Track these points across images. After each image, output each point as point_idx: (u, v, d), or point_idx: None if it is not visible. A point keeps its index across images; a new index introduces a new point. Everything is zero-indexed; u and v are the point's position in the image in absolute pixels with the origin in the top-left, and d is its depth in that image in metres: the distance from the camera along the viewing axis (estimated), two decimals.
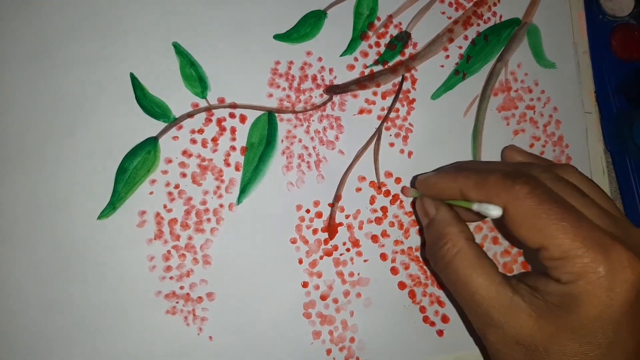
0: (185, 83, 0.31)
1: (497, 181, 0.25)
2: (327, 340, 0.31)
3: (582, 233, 0.23)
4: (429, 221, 0.29)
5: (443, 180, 0.28)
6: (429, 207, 0.29)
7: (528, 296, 0.24)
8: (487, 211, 0.25)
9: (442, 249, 0.27)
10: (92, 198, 0.29)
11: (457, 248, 0.26)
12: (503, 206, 0.25)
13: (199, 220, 0.30)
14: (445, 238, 0.27)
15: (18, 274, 0.28)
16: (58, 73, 0.30)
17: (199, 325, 0.30)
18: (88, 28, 0.30)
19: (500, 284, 0.25)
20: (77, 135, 0.29)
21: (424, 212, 0.29)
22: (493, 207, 0.25)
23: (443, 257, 0.27)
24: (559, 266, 0.23)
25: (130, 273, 0.29)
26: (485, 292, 0.25)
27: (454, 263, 0.26)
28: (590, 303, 0.23)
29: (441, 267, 0.27)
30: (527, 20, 0.36)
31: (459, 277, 0.26)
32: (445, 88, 0.34)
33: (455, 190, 0.27)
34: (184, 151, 0.31)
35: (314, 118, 0.32)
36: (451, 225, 0.27)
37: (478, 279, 0.25)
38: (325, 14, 0.33)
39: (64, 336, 0.28)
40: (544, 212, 0.23)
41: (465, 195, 0.26)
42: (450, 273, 0.26)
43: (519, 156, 0.32)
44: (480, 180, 0.26)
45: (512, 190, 0.24)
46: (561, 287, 0.23)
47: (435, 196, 0.29)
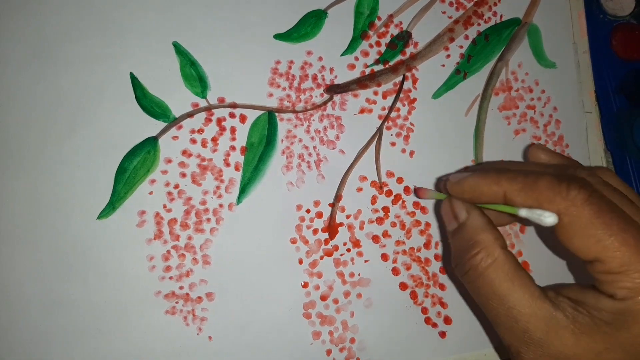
0: (185, 83, 0.31)
1: (550, 185, 0.23)
2: (327, 340, 0.31)
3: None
4: (459, 226, 0.26)
5: (484, 182, 0.25)
6: (459, 210, 0.26)
7: (571, 311, 0.23)
8: (541, 218, 0.23)
9: (475, 257, 0.24)
10: (92, 198, 0.29)
11: (492, 258, 0.24)
12: (557, 213, 0.23)
13: (198, 220, 0.30)
14: (479, 246, 0.24)
15: (18, 274, 0.28)
16: (58, 73, 0.30)
17: (199, 325, 0.29)
18: (88, 28, 0.30)
19: (540, 298, 0.23)
20: (77, 135, 0.29)
21: (453, 216, 0.27)
22: (548, 214, 0.23)
23: (476, 267, 0.24)
24: (615, 280, 0.22)
25: (130, 273, 0.29)
26: (524, 308, 0.23)
27: (489, 274, 0.24)
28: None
29: (472, 277, 0.25)
30: (528, 20, 0.36)
31: (494, 289, 0.24)
32: (447, 87, 0.34)
33: (498, 194, 0.24)
34: (184, 151, 0.30)
35: (315, 118, 0.32)
36: (485, 232, 0.25)
37: (516, 293, 0.23)
38: (325, 13, 0.33)
39: (63, 336, 0.28)
40: (603, 222, 0.22)
41: (511, 199, 0.24)
42: (483, 285, 0.24)
43: (544, 155, 0.29)
44: (529, 183, 0.23)
45: (567, 196, 0.22)
46: (615, 303, 0.22)
47: (470, 199, 0.26)
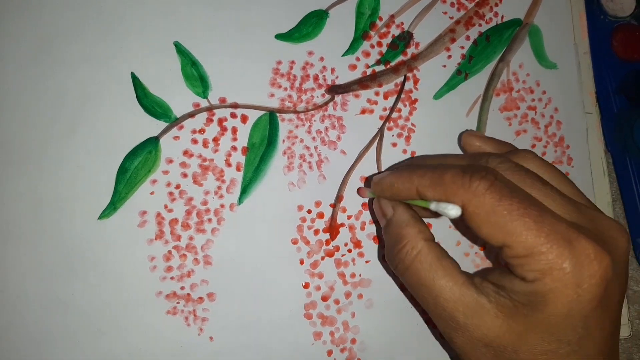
0: (187, 83, 0.31)
1: (454, 178, 0.23)
2: (328, 341, 0.31)
3: (546, 228, 0.22)
4: (387, 222, 0.27)
5: (399, 180, 0.26)
6: (385, 207, 0.27)
7: (494, 295, 0.23)
8: (446, 211, 0.23)
9: (402, 251, 0.25)
10: (93, 198, 0.29)
11: (416, 250, 0.25)
12: (462, 205, 0.23)
13: (199, 221, 0.30)
14: (404, 240, 0.25)
15: (19, 274, 0.28)
16: (59, 73, 0.29)
17: (200, 325, 0.29)
18: (89, 28, 0.30)
19: (464, 285, 0.24)
20: (77, 135, 0.29)
21: (382, 213, 0.28)
22: (452, 207, 0.23)
23: (403, 260, 0.25)
24: (523, 264, 0.22)
25: (131, 273, 0.29)
26: (448, 295, 0.24)
27: (414, 266, 0.25)
28: (558, 301, 0.22)
29: (401, 270, 0.26)
30: (529, 20, 0.36)
31: (421, 280, 0.24)
32: (448, 88, 0.34)
33: (412, 191, 0.25)
34: (185, 151, 0.30)
35: (316, 118, 0.32)
36: (409, 226, 0.26)
37: (440, 281, 0.24)
38: (327, 13, 0.33)
39: (64, 336, 0.28)
40: (505, 209, 0.22)
41: (423, 194, 0.25)
42: (411, 276, 0.25)
43: (477, 141, 0.30)
44: (436, 178, 0.24)
45: (470, 187, 0.23)
46: (527, 286, 0.22)
47: (392, 197, 0.27)
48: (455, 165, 0.24)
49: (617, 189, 0.38)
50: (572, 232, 0.22)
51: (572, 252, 0.22)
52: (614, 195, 0.37)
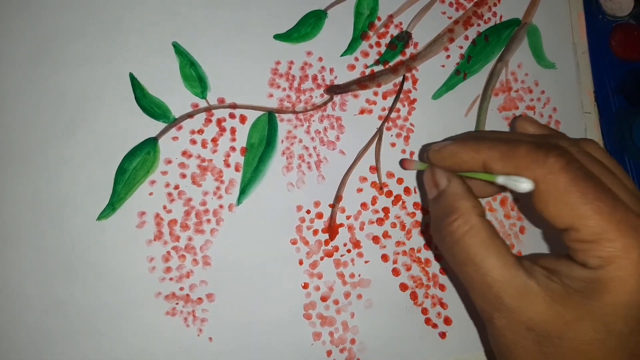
0: (185, 83, 0.31)
1: (528, 153, 0.23)
2: (328, 341, 0.31)
3: (618, 215, 0.21)
4: (439, 193, 0.26)
5: (463, 149, 0.25)
6: (440, 178, 0.26)
7: (544, 280, 0.23)
8: (517, 184, 0.23)
9: (452, 224, 0.24)
10: (92, 199, 0.29)
11: (469, 225, 0.24)
12: (534, 180, 0.22)
13: (198, 221, 0.30)
14: (457, 213, 0.24)
15: (18, 274, 0.28)
16: (57, 73, 0.29)
17: (199, 326, 0.29)
18: (88, 28, 0.30)
19: (514, 266, 0.23)
20: (76, 136, 0.29)
21: (434, 184, 0.27)
22: (524, 180, 0.22)
23: (452, 233, 0.24)
24: (588, 249, 0.22)
25: (130, 274, 0.29)
26: (497, 274, 0.23)
27: (465, 241, 0.24)
28: (619, 290, 0.21)
29: (449, 244, 0.25)
30: (527, 20, 0.36)
31: (469, 256, 0.24)
32: (447, 88, 0.34)
33: (478, 162, 0.24)
34: (184, 152, 0.30)
35: (315, 118, 0.32)
36: (464, 199, 0.25)
37: (491, 260, 0.23)
38: (325, 13, 0.33)
39: (63, 337, 0.28)
40: (579, 190, 0.22)
41: (489, 167, 0.24)
42: (459, 251, 0.24)
43: (531, 127, 0.28)
44: (508, 150, 0.23)
45: (545, 163, 0.22)
46: (587, 272, 0.22)
47: (450, 167, 0.26)
48: (527, 141, 0.24)
49: None
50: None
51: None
52: None
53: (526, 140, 0.24)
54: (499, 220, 0.34)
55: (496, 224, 0.34)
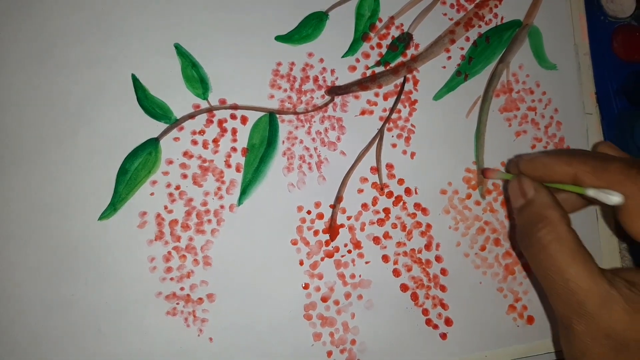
0: (187, 84, 0.31)
1: (620, 169, 0.24)
2: (328, 342, 0.31)
3: None
4: (526, 202, 0.27)
5: (556, 161, 0.27)
6: (528, 187, 0.28)
7: (625, 291, 0.24)
8: (608, 197, 0.24)
9: (540, 231, 0.26)
10: (93, 199, 0.29)
11: (556, 233, 0.25)
12: (624, 194, 0.24)
13: (199, 222, 0.30)
14: (545, 221, 0.26)
15: (19, 274, 0.28)
16: (60, 74, 0.30)
17: (199, 326, 0.29)
18: (89, 29, 0.30)
19: (598, 276, 0.24)
20: (78, 136, 0.29)
21: (521, 193, 0.28)
22: (614, 194, 0.24)
23: (540, 239, 0.26)
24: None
25: (131, 274, 0.29)
26: (582, 282, 0.24)
27: (551, 248, 0.25)
28: None
29: (535, 250, 0.26)
30: (529, 21, 0.36)
31: (555, 263, 0.25)
32: (447, 89, 0.34)
33: (569, 174, 0.26)
34: (185, 152, 0.30)
35: (316, 119, 0.32)
36: (552, 209, 0.26)
37: (576, 268, 0.24)
38: (326, 15, 0.33)
39: (64, 337, 0.28)
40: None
41: (580, 180, 0.26)
42: (545, 258, 0.25)
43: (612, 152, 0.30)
44: (600, 165, 0.25)
45: (636, 180, 0.24)
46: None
47: (540, 177, 0.28)
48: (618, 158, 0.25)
49: None
50: None
51: None
52: None
53: (617, 159, 0.25)
54: (500, 221, 0.34)
55: (497, 224, 0.34)
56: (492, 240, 0.34)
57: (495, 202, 0.34)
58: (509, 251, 0.34)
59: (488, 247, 0.34)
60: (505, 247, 0.34)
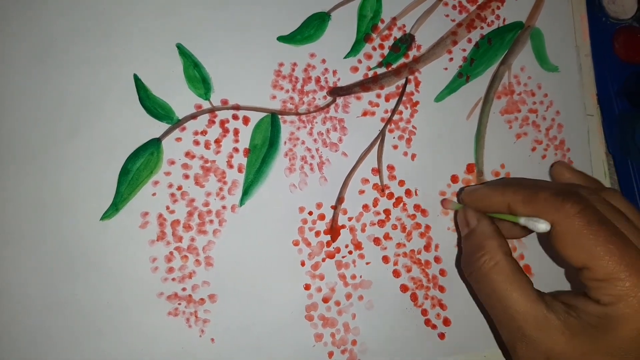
0: (189, 84, 0.31)
1: (548, 198, 0.25)
2: (329, 342, 0.31)
3: (627, 257, 0.24)
4: (469, 231, 0.29)
5: (492, 192, 0.28)
6: (470, 218, 0.29)
7: (563, 314, 0.25)
8: (536, 225, 0.25)
9: (480, 259, 0.27)
10: (95, 199, 0.29)
11: (494, 261, 0.27)
12: (552, 223, 0.25)
13: (201, 222, 0.30)
14: (484, 250, 0.27)
15: (21, 274, 0.28)
16: (62, 74, 0.30)
17: (201, 327, 0.30)
18: (92, 29, 0.30)
19: (536, 301, 0.25)
20: (80, 136, 0.29)
21: (465, 223, 0.30)
22: (542, 222, 0.25)
23: (480, 268, 0.27)
24: (600, 287, 0.24)
25: (133, 274, 0.29)
26: (519, 307, 0.25)
27: (491, 276, 0.26)
28: (629, 325, 0.23)
29: (477, 277, 0.27)
30: (531, 23, 0.36)
31: (495, 290, 0.26)
32: (449, 91, 0.34)
33: (503, 204, 0.27)
34: (187, 153, 0.30)
35: (317, 120, 0.32)
36: (491, 238, 0.28)
37: (513, 294, 0.26)
38: (329, 16, 0.33)
39: (65, 337, 0.28)
40: (592, 233, 0.24)
41: (513, 209, 0.27)
42: (485, 285, 0.27)
43: (567, 173, 0.32)
44: (530, 195, 0.26)
45: (562, 208, 0.25)
46: (600, 308, 0.24)
47: (481, 208, 0.29)
48: (549, 187, 0.26)
49: None
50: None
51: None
52: None
53: (548, 187, 0.27)
54: None
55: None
56: None
57: None
58: None
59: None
60: None
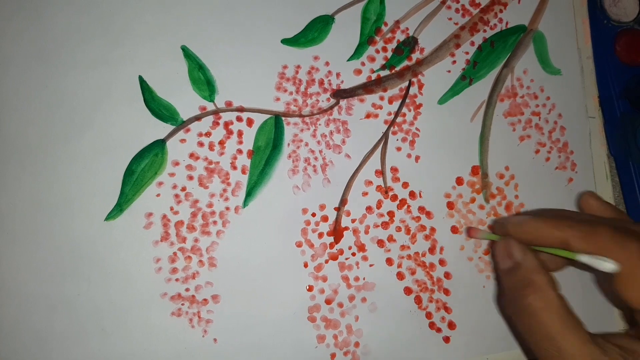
0: (193, 86, 0.31)
1: (609, 235, 0.25)
2: (332, 344, 0.31)
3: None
4: (514, 265, 0.27)
5: (545, 226, 0.27)
6: (515, 250, 0.27)
7: (619, 358, 0.24)
8: (602, 264, 0.24)
9: (528, 297, 0.25)
10: (100, 199, 0.29)
11: (545, 300, 0.25)
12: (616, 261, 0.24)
13: (205, 223, 0.30)
14: (533, 286, 0.26)
15: (25, 274, 0.28)
16: (67, 75, 0.30)
17: (204, 327, 0.30)
18: (97, 30, 0.30)
19: (590, 343, 0.24)
20: (85, 137, 0.30)
21: (508, 255, 0.28)
22: (609, 261, 0.24)
23: (529, 305, 0.25)
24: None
25: (136, 274, 0.29)
26: (575, 350, 0.24)
27: (541, 315, 0.25)
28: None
29: (525, 316, 0.26)
30: (533, 27, 0.36)
31: (547, 331, 0.25)
32: (452, 93, 0.34)
33: (558, 239, 0.26)
34: (191, 154, 0.31)
35: (321, 122, 0.32)
36: (540, 274, 0.26)
37: (568, 336, 0.24)
38: (332, 18, 0.33)
39: (69, 336, 0.28)
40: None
41: (570, 245, 0.26)
42: (535, 325, 0.25)
43: (596, 204, 0.31)
44: (589, 231, 0.25)
45: (626, 247, 0.24)
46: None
47: (528, 241, 0.27)
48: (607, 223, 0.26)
49: (620, 194, 0.38)
50: None
51: None
52: (617, 200, 0.37)
53: (605, 222, 0.26)
54: None
55: None
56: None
57: (499, 206, 0.34)
58: None
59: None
60: None
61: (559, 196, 0.35)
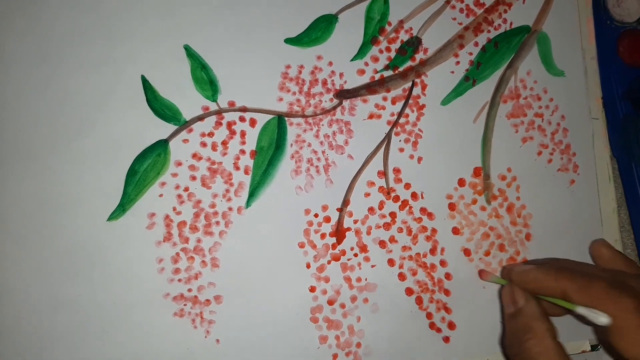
0: (196, 86, 0.31)
1: (604, 289, 0.26)
2: (334, 344, 0.31)
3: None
4: (516, 311, 0.29)
5: (545, 277, 0.29)
6: (518, 297, 0.29)
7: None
8: (596, 317, 0.26)
9: (527, 342, 0.27)
10: (102, 200, 0.29)
11: (542, 346, 0.27)
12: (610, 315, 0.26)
13: (207, 223, 0.30)
14: (532, 332, 0.27)
15: (27, 274, 0.28)
16: (69, 75, 0.30)
17: (207, 328, 0.30)
18: (99, 31, 0.30)
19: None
20: (87, 137, 0.29)
21: (512, 301, 0.30)
22: (603, 315, 0.26)
23: (528, 350, 0.27)
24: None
25: (139, 275, 0.29)
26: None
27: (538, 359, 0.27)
28: None
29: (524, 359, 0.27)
30: (537, 27, 0.36)
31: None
32: (455, 94, 0.34)
33: (557, 290, 0.28)
34: (194, 154, 0.31)
35: (324, 122, 0.32)
36: (539, 321, 0.28)
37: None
38: (336, 18, 0.33)
39: (71, 336, 0.28)
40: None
41: (568, 296, 0.27)
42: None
43: (607, 253, 0.33)
44: (585, 285, 0.27)
45: (619, 302, 0.26)
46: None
47: (531, 290, 0.30)
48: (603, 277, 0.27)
49: (622, 195, 0.38)
50: None
51: None
52: (619, 201, 0.37)
53: (602, 276, 0.28)
54: (505, 227, 0.34)
55: (502, 230, 0.34)
56: (497, 246, 0.34)
57: (501, 208, 0.34)
58: (513, 257, 0.34)
59: (492, 252, 0.34)
60: (510, 253, 0.34)
61: (561, 198, 0.35)
